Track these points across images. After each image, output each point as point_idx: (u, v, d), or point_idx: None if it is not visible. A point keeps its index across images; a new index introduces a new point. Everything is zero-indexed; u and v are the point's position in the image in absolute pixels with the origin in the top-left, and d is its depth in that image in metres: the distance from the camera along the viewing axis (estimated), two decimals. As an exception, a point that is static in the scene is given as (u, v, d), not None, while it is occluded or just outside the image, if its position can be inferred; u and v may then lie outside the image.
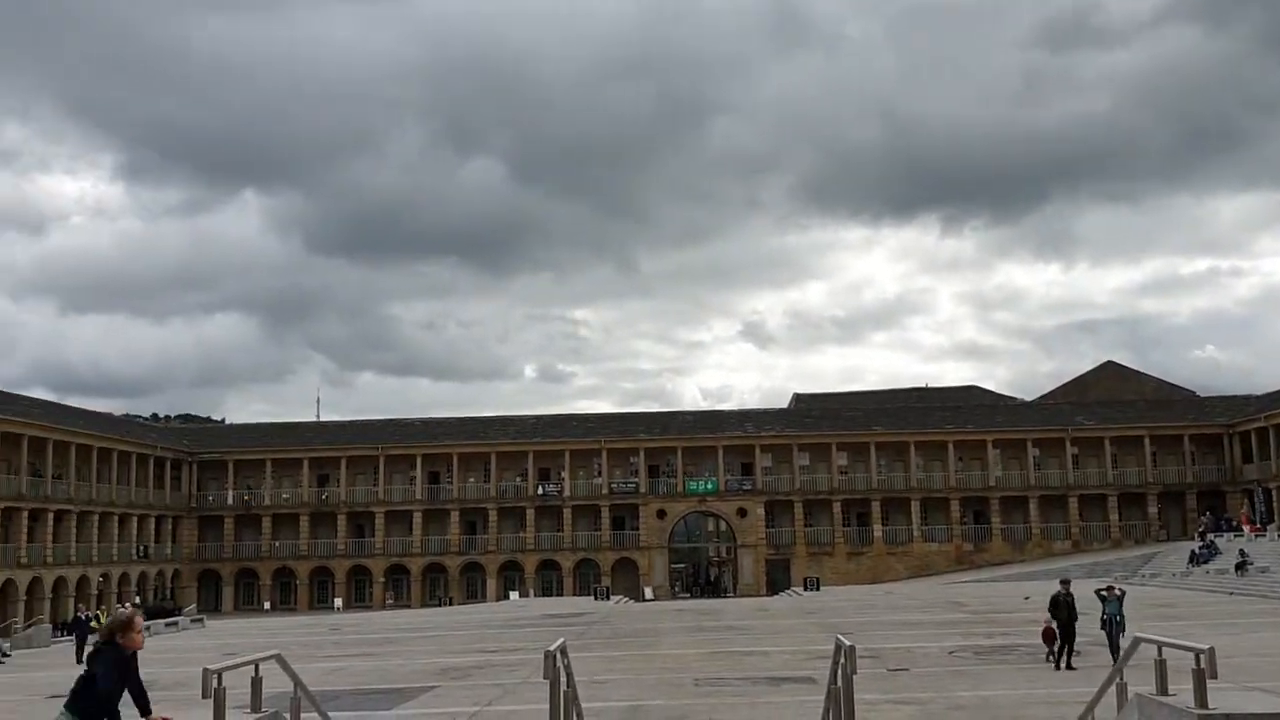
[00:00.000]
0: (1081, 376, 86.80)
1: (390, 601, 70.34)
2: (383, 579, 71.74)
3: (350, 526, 73.24)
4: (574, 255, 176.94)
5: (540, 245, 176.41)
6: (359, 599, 71.78)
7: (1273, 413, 66.32)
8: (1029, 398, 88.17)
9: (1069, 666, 20.76)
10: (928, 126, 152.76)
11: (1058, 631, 21.25)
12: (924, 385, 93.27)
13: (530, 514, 72.35)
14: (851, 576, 68.32)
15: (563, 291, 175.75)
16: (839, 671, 9.22)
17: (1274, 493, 64.59)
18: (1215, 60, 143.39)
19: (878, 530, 70.95)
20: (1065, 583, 22.22)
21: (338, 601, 69.23)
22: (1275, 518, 62.27)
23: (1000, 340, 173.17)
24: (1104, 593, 22.37)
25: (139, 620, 7.09)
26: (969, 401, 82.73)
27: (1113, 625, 21.43)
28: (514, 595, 68.15)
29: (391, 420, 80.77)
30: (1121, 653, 20.01)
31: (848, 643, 9.02)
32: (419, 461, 73.06)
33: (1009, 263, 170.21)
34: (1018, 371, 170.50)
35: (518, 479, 73.58)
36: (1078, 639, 21.51)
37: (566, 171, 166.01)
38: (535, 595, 68.48)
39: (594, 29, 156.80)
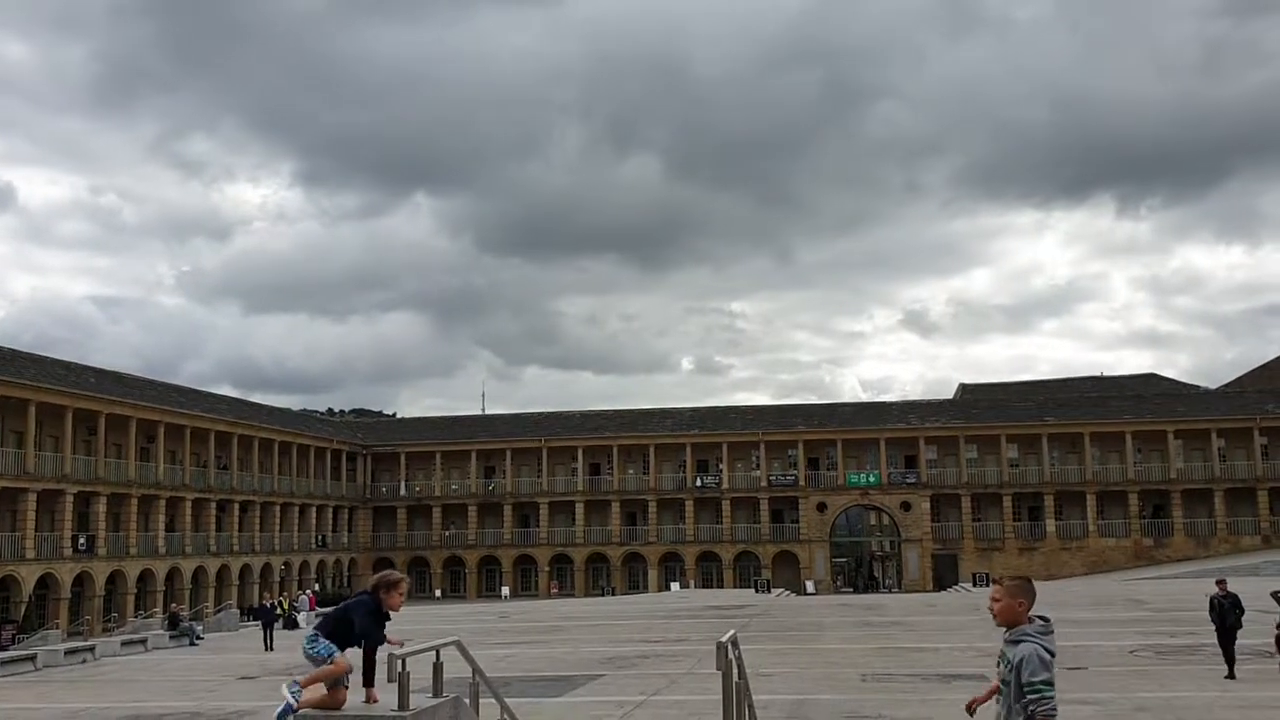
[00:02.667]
0: (1270, 363, 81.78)
1: (555, 590, 71.65)
2: (548, 568, 73.15)
3: (516, 517, 74.95)
4: (731, 248, 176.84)
5: (698, 238, 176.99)
6: (525, 587, 73.41)
7: None
8: (1212, 385, 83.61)
9: (1229, 676, 19.06)
10: (1101, 104, 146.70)
11: (1216, 638, 19.64)
12: (1099, 374, 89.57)
13: (689, 506, 72.59)
14: (1023, 572, 65.94)
15: (720, 284, 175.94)
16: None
17: None
18: None
19: (1051, 525, 68.49)
20: (1221, 583, 20.86)
21: (505, 590, 70.95)
22: None
23: (1180, 326, 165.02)
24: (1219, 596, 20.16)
25: (405, 585, 7.32)
26: (1148, 390, 78.95)
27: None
28: (675, 586, 68.52)
29: (553, 413, 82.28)
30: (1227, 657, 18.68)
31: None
32: (580, 453, 74.18)
33: (1188, 244, 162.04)
34: (1200, 359, 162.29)
35: (677, 471, 73.94)
36: (1243, 642, 20.08)
37: (723, 164, 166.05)
38: (695, 587, 68.68)
39: (752, 21, 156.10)
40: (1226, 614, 19.55)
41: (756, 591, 58.54)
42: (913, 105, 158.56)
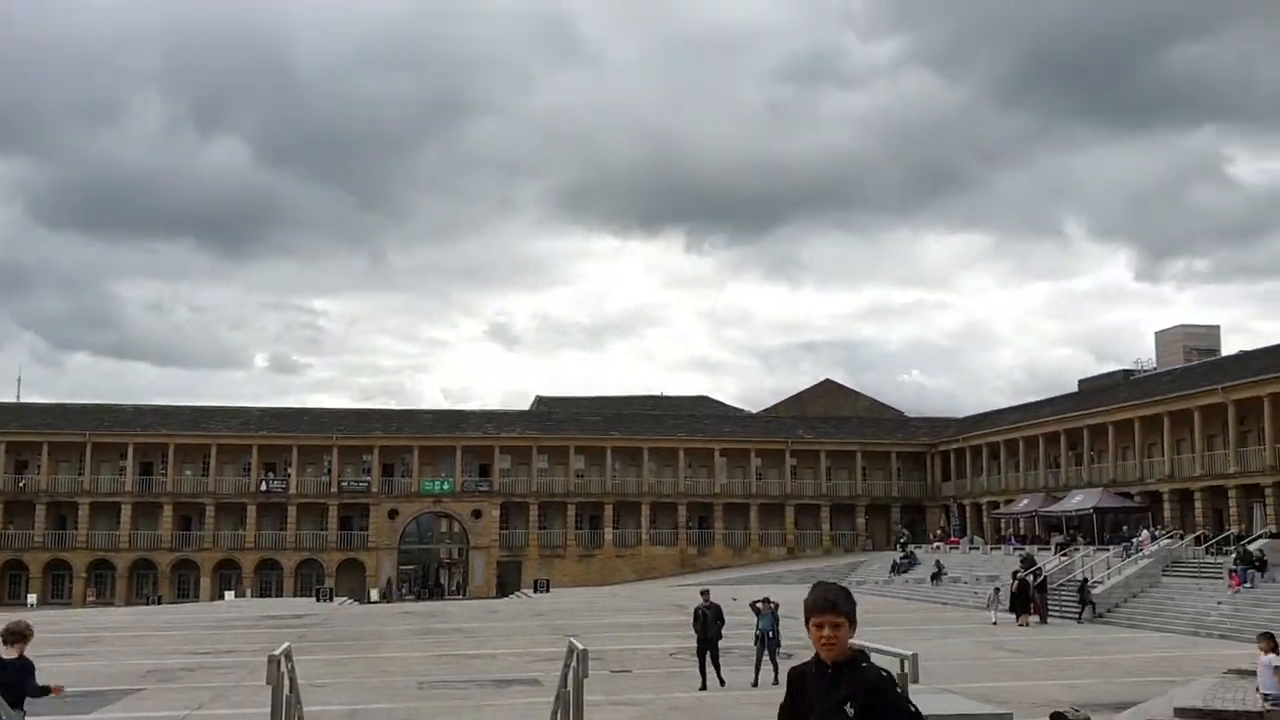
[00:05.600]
0: (801, 393, 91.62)
1: (92, 599, 65.47)
2: (85, 574, 66.69)
3: (51, 517, 67.68)
4: (320, 244, 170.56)
5: (285, 231, 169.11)
6: (57, 595, 66.37)
7: (969, 435, 72.35)
8: (754, 410, 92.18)
9: (719, 681, 19.81)
10: (680, 146, 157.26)
11: (698, 646, 20.32)
12: (659, 394, 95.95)
13: (252, 510, 69.20)
14: (581, 578, 69.30)
15: (306, 280, 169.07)
16: (569, 675, 9.35)
17: (967, 508, 70.46)
18: (946, 107, 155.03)
19: (609, 533, 72.31)
20: (705, 593, 21.29)
21: (31, 598, 63.74)
22: (968, 531, 67.92)
23: (730, 355, 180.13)
24: (759, 605, 21.53)
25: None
26: (700, 411, 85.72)
27: (764, 641, 20.81)
28: (230, 595, 64.94)
29: (103, 405, 75.23)
30: (775, 668, 20.10)
31: (580, 646, 9.17)
32: (130, 450, 68.43)
33: (741, 281, 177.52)
34: (745, 385, 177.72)
35: (241, 473, 70.27)
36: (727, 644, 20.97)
37: (318, 158, 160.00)
38: (253, 596, 65.51)
39: (356, 17, 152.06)
40: (709, 624, 20.20)
41: (318, 600, 56.91)
42: (512, 124, 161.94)
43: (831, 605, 4.12)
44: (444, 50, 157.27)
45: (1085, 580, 39.91)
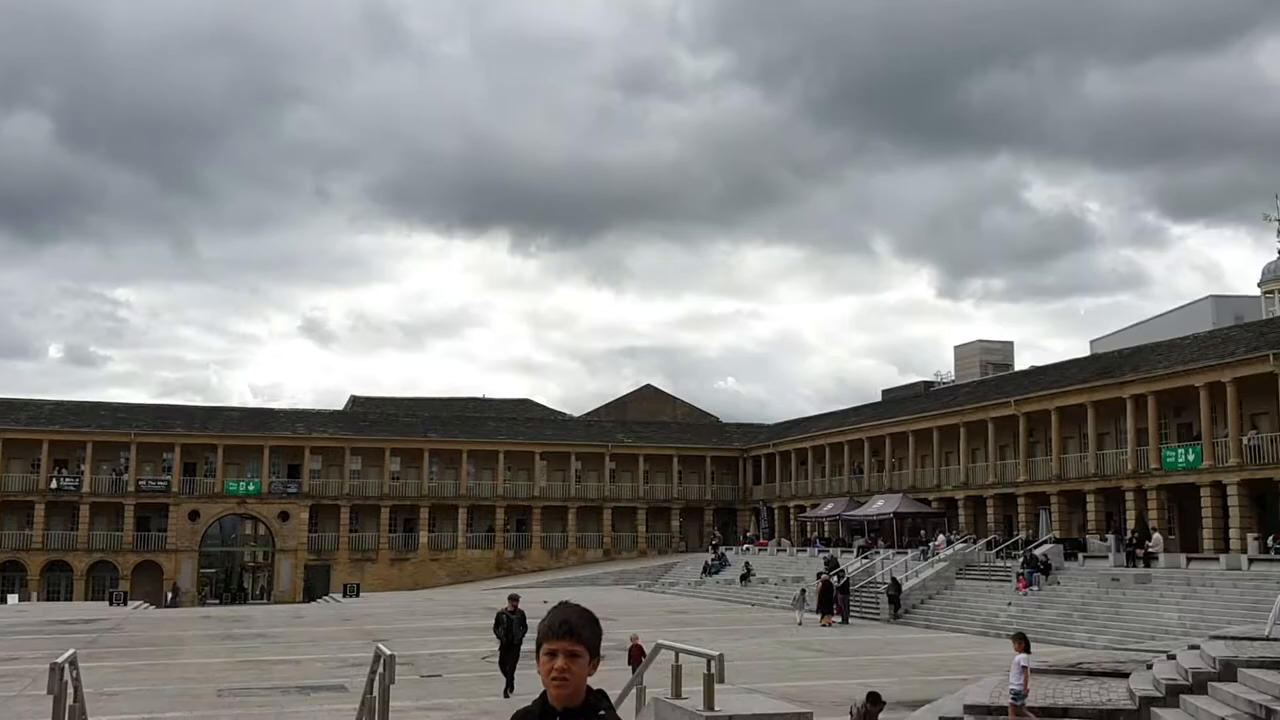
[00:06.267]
0: (623, 397, 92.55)
1: None
2: None
3: None
4: (125, 230, 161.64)
5: (88, 214, 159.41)
6: None
7: (780, 441, 74.51)
8: (576, 414, 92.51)
9: (509, 688, 19.62)
10: (507, 146, 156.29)
11: (500, 652, 20.07)
12: (480, 396, 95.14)
13: (40, 510, 64.98)
14: (394, 583, 67.95)
15: (108, 267, 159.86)
16: (375, 681, 9.14)
17: (776, 512, 72.52)
18: (766, 123, 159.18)
19: (424, 536, 71.14)
20: (514, 599, 20.87)
21: None
22: (776, 534, 69.90)
23: (553, 358, 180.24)
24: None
25: None
26: (521, 414, 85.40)
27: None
28: (13, 599, 60.80)
29: None
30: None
31: (388, 651, 8.98)
32: (-98, 444, 63.30)
33: (566, 285, 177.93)
34: (567, 389, 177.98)
35: (30, 470, 65.90)
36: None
37: (126, 139, 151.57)
38: (40, 599, 61.55)
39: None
40: (514, 630, 19.96)
41: (111, 604, 53.95)
42: (331, 115, 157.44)
43: (569, 630, 3.24)
44: (264, 35, 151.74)
45: (896, 581, 41.62)
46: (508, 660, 19.93)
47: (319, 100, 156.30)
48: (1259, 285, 58.48)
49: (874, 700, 13.85)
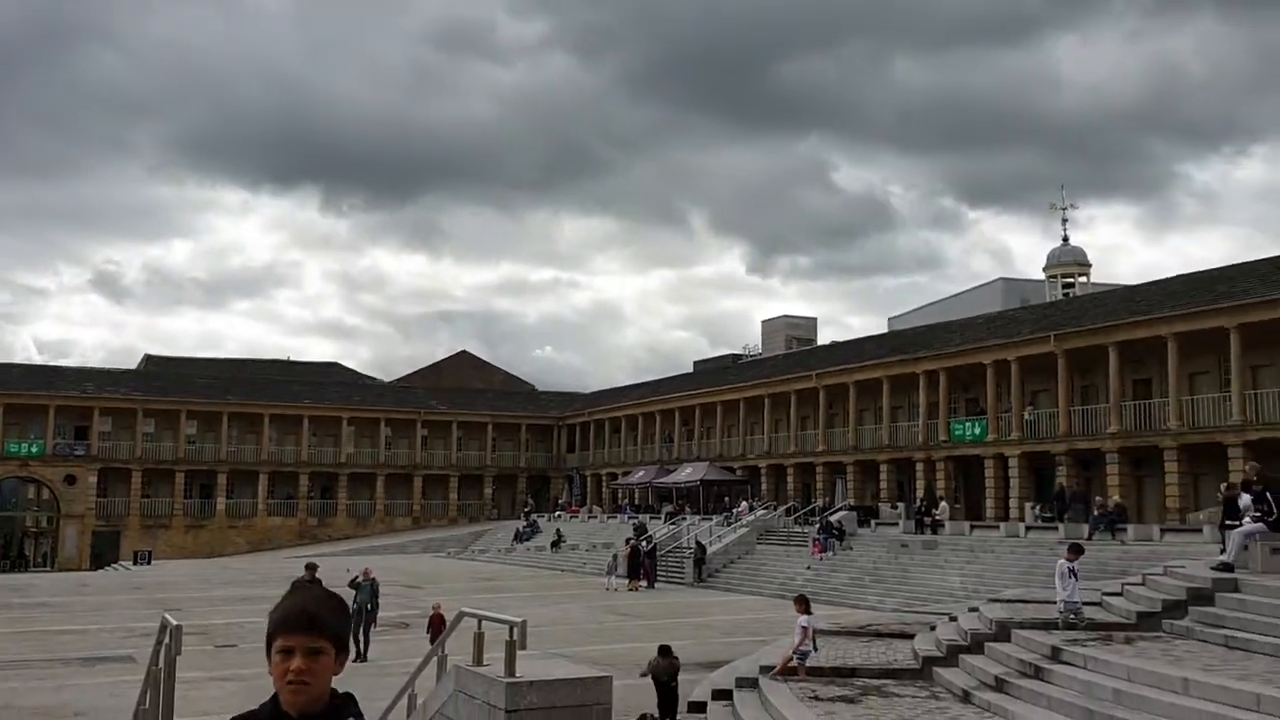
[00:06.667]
0: (438, 363, 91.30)
1: None
2: None
3: None
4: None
5: None
6: None
7: (594, 410, 75.12)
8: (387, 379, 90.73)
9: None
10: (319, 101, 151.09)
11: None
12: (286, 359, 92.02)
13: None
14: (189, 550, 65.22)
15: None
16: (161, 652, 8.78)
17: (588, 479, 73.15)
18: (586, 92, 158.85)
19: (222, 503, 68.49)
20: (311, 568, 20.36)
21: None
22: (588, 501, 70.54)
23: (364, 321, 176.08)
24: (359, 580, 21.27)
25: None
26: (329, 378, 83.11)
27: (362, 614, 20.49)
28: None
29: None
30: (366, 643, 20.19)
31: (174, 621, 8.63)
32: None
33: (380, 248, 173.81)
34: (378, 353, 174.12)
35: None
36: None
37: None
38: None
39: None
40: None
41: None
42: (129, 57, 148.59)
43: (310, 622, 2.60)
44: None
45: (701, 545, 42.68)
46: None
47: (116, 41, 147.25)
48: (1044, 270, 62.31)
49: (664, 652, 14.31)
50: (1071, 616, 14.62)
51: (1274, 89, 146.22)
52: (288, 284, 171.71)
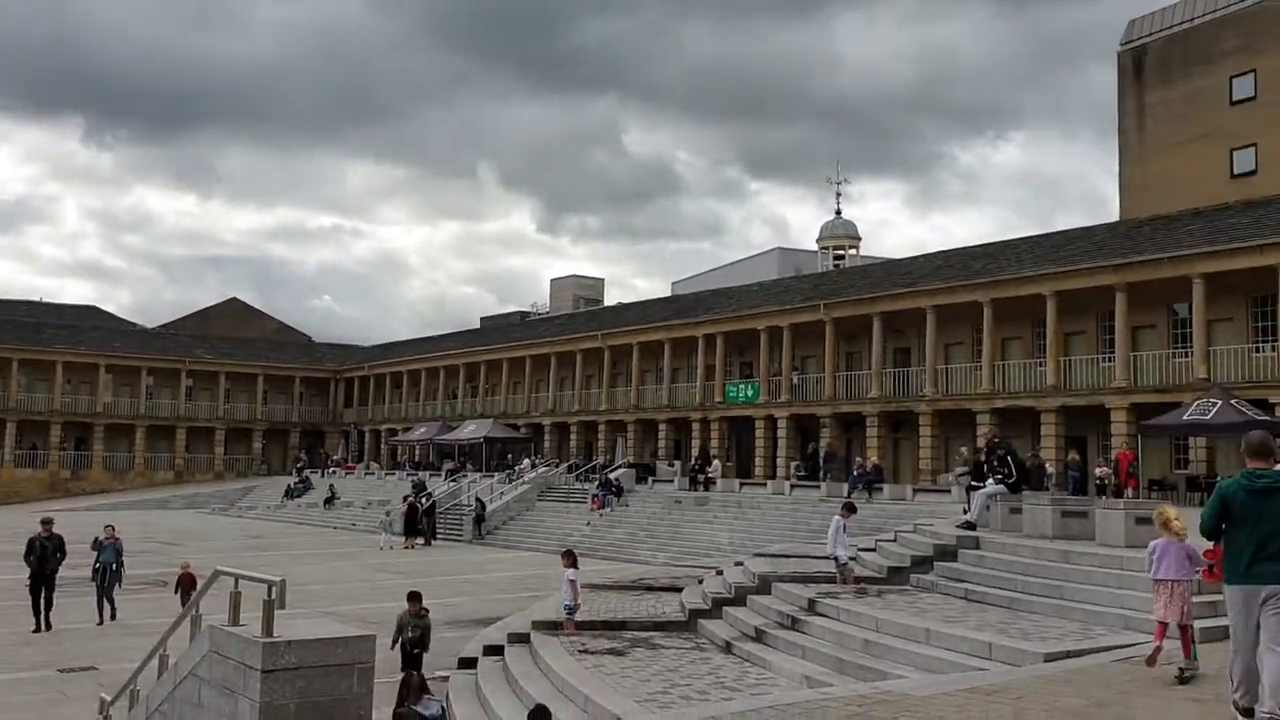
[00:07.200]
0: (206, 310, 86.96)
1: None
2: None
3: None
4: None
5: None
6: None
7: (375, 363, 73.45)
8: (150, 325, 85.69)
9: (46, 626, 18.46)
10: (87, 25, 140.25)
11: (31, 581, 18.73)
12: (38, 300, 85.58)
13: None
14: (-80, 505, 60.03)
15: None
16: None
17: (367, 435, 71.58)
18: (380, 36, 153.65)
19: (-40, 454, 63.32)
20: (47, 523, 19.40)
21: None
22: (365, 457, 69.04)
23: (126, 263, 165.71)
24: (102, 540, 20.17)
25: None
26: (86, 322, 77.74)
27: (106, 573, 19.63)
28: None
29: None
30: (113, 606, 19.39)
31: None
32: None
33: (146, 185, 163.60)
34: (142, 297, 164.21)
35: None
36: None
37: None
38: None
39: None
40: (47, 558, 18.67)
41: None
42: None
43: None
44: None
45: (482, 502, 42.56)
46: (37, 590, 18.53)
47: None
48: (817, 241, 64.84)
49: (413, 598, 14.32)
50: (846, 569, 15.39)
51: (1035, 79, 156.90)
52: (43, 220, 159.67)
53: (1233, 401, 26.55)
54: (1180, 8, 46.60)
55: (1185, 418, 27.20)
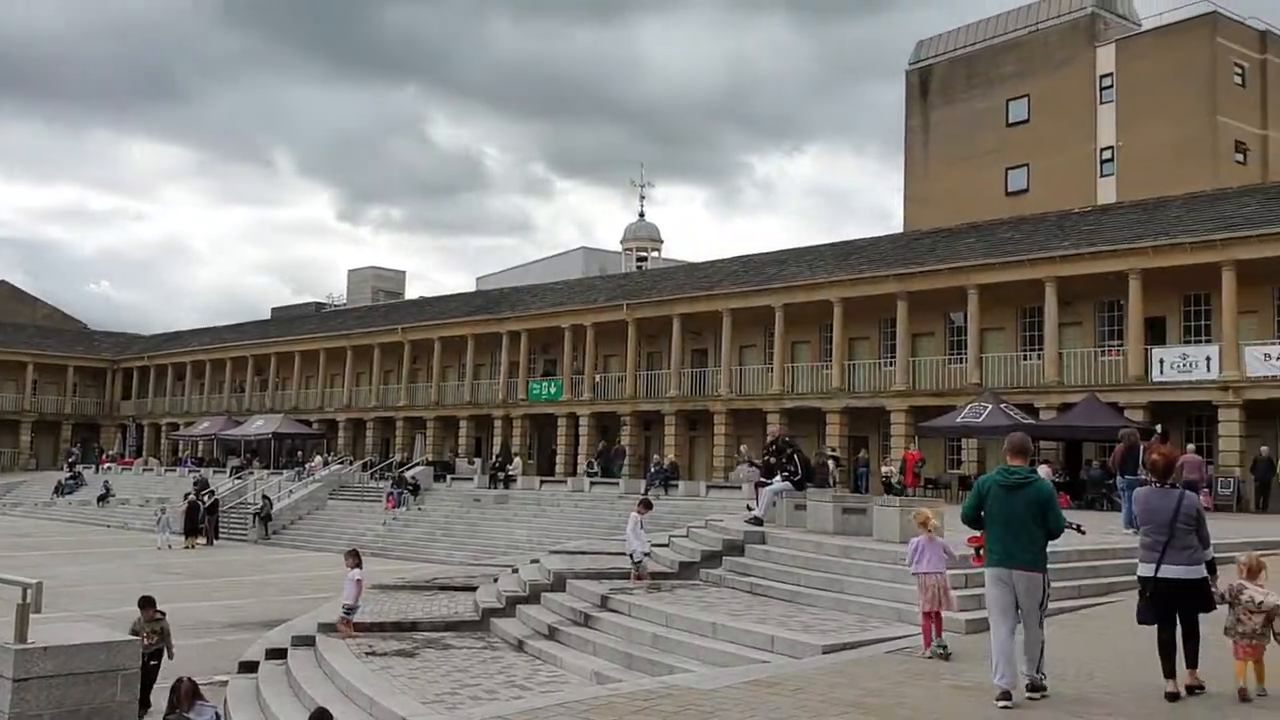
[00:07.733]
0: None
1: None
2: None
3: None
4: None
5: None
6: None
7: (156, 354, 69.68)
8: (-97, 307, 78.59)
9: None
10: None
11: None
12: None
13: None
14: None
15: None
16: None
17: (146, 429, 67.85)
18: (169, 9, 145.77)
19: None
20: None
21: None
22: (144, 453, 65.43)
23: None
24: None
25: None
26: None
27: None
28: None
29: None
30: None
31: None
32: None
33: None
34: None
35: None
36: None
37: None
38: None
39: None
40: None
41: None
42: None
43: None
44: None
45: (269, 500, 41.03)
46: None
47: None
48: (621, 242, 65.53)
49: (145, 603, 13.42)
50: (641, 565, 15.57)
51: (828, 94, 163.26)
52: None
53: (1002, 406, 28.40)
54: (965, 32, 49.49)
55: (959, 420, 28.94)
